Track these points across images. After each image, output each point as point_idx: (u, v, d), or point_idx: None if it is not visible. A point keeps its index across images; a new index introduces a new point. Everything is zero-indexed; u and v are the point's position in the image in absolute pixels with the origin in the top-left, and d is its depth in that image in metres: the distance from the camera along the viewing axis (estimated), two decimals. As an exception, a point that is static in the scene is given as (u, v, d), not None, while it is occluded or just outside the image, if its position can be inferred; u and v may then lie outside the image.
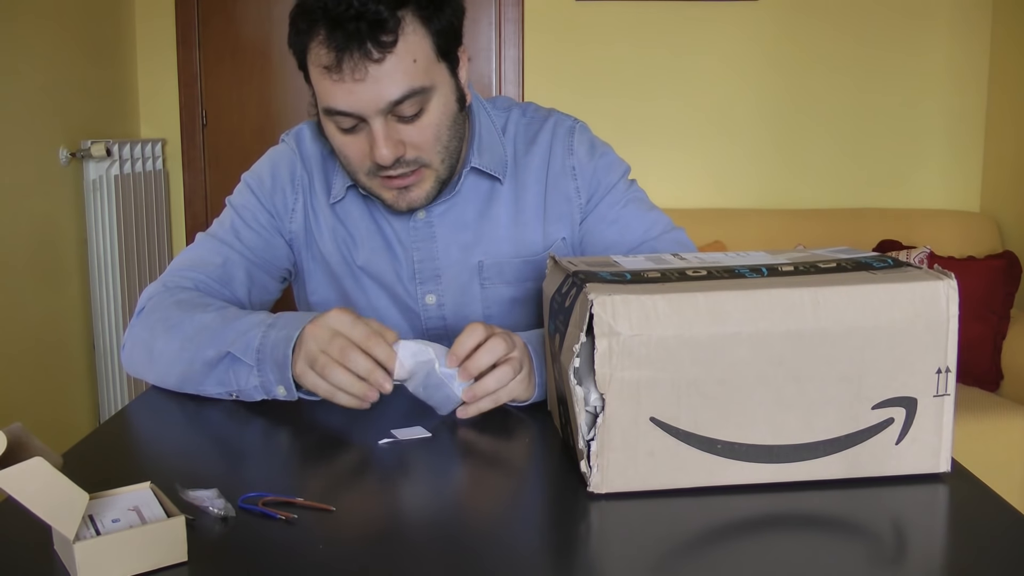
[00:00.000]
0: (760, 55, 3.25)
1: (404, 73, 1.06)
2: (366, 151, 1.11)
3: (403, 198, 1.16)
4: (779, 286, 0.83)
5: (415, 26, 1.07)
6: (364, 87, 1.05)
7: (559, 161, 1.28)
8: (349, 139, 1.12)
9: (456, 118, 1.16)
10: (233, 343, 1.06)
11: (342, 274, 1.28)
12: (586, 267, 0.90)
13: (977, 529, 0.79)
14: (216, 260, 1.24)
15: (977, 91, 3.26)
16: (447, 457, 0.98)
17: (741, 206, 3.29)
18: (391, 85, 1.06)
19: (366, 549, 0.74)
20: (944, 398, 0.85)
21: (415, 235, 1.26)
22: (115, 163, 2.84)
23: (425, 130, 1.11)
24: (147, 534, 0.69)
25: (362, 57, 1.04)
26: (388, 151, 1.09)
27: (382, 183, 1.15)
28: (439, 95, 1.11)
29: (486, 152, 1.25)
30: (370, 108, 1.07)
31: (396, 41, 1.04)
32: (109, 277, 2.86)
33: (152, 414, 1.10)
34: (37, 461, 0.64)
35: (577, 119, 1.32)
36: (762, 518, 0.80)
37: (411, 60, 1.06)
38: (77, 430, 2.77)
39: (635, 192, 1.31)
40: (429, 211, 1.25)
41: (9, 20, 2.46)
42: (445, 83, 1.13)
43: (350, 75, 1.04)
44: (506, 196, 1.27)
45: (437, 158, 1.14)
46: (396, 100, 1.07)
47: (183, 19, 3.28)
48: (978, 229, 3.05)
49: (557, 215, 1.28)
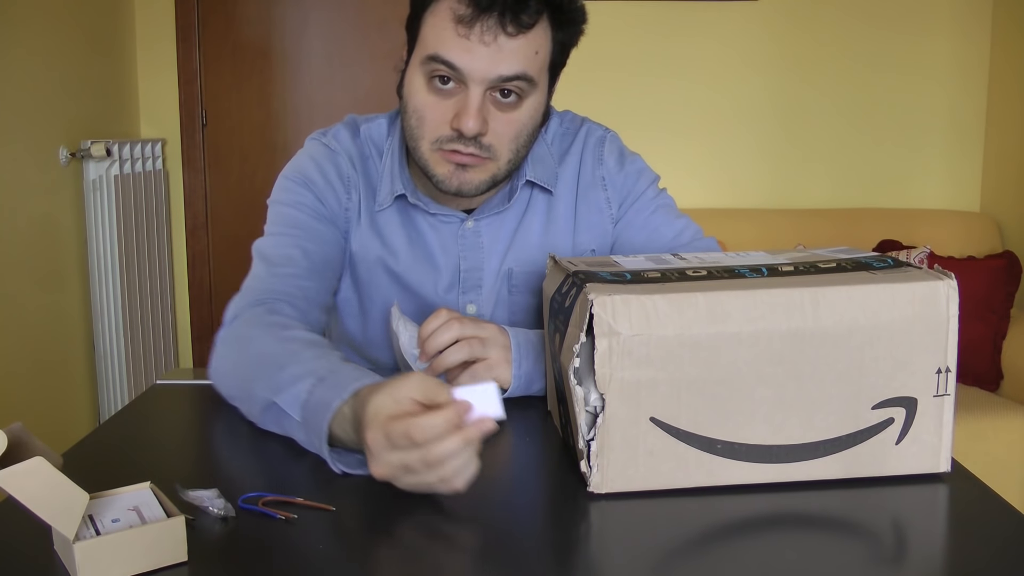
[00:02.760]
0: (760, 55, 3.25)
1: (524, 57, 1.07)
2: (447, 117, 1.10)
3: (457, 176, 1.13)
4: (779, 286, 0.83)
5: (546, 25, 1.10)
6: (485, 52, 1.05)
7: (589, 171, 1.28)
8: (434, 99, 1.10)
9: (537, 129, 1.17)
10: (280, 391, 0.94)
11: (371, 280, 1.26)
12: (586, 267, 0.90)
13: (977, 529, 0.79)
14: (296, 252, 1.17)
15: (977, 91, 3.26)
16: (447, 457, 0.98)
17: (741, 206, 3.29)
18: (510, 61, 1.06)
19: (366, 549, 0.74)
20: (944, 398, 0.85)
21: (463, 243, 1.24)
22: (115, 163, 2.84)
23: (512, 124, 1.12)
24: (147, 534, 0.69)
25: (497, 25, 1.05)
26: (475, 123, 1.08)
27: (444, 156, 1.12)
28: (536, 97, 1.13)
29: (538, 164, 1.25)
30: (479, 74, 1.06)
31: (533, 26, 1.07)
32: (109, 277, 2.85)
33: (152, 414, 1.10)
34: (37, 461, 0.64)
35: (608, 128, 1.32)
36: (762, 518, 0.80)
37: (534, 51, 1.08)
38: (77, 430, 2.77)
39: (664, 199, 1.30)
40: (477, 220, 1.24)
41: (8, 20, 2.46)
42: (543, 91, 1.15)
43: (478, 36, 1.05)
44: (541, 205, 1.27)
45: (506, 156, 1.14)
46: (507, 77, 1.07)
47: (183, 19, 3.28)
48: (978, 229, 3.05)
49: (587, 226, 1.27)
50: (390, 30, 3.30)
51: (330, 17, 3.33)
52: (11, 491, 0.64)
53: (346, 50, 3.34)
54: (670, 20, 3.24)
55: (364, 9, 3.31)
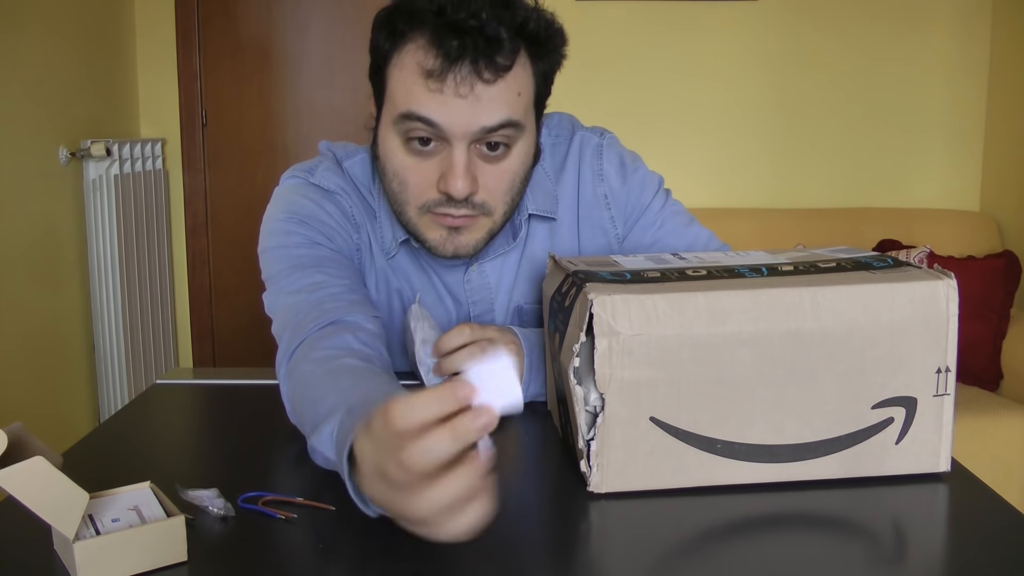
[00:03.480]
0: (760, 55, 3.25)
1: (507, 103, 0.97)
2: (432, 179, 1.00)
3: (451, 241, 1.04)
4: (779, 286, 0.83)
5: (525, 60, 0.99)
6: (463, 105, 0.95)
7: (590, 189, 1.18)
8: (415, 162, 1.00)
9: (528, 173, 1.06)
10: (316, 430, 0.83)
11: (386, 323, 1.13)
12: (586, 267, 0.90)
13: (977, 529, 0.79)
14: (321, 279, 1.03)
15: (977, 91, 3.26)
16: (447, 457, 0.97)
17: (741, 206, 3.29)
18: (492, 111, 0.96)
19: (366, 549, 0.74)
20: (944, 398, 0.85)
21: (470, 287, 1.16)
22: (115, 163, 2.84)
23: (503, 175, 1.02)
24: (147, 534, 0.69)
25: (472, 73, 0.94)
26: (463, 184, 0.97)
27: (433, 220, 1.03)
28: (524, 140, 1.02)
29: (539, 192, 1.15)
30: (460, 129, 0.96)
31: (511, 67, 0.96)
32: (109, 277, 2.85)
33: (152, 414, 1.10)
34: (37, 460, 0.64)
35: (603, 131, 1.22)
36: (762, 518, 0.80)
37: (516, 93, 0.98)
38: (77, 430, 2.77)
39: (671, 207, 1.23)
40: (481, 264, 1.15)
41: (9, 20, 2.46)
42: (531, 131, 1.04)
43: (452, 88, 0.94)
44: (541, 234, 1.18)
45: (501, 209, 1.04)
46: (491, 127, 0.97)
47: (183, 19, 3.28)
48: (978, 229, 3.06)
49: (593, 249, 1.19)
50: (390, 30, 3.30)
51: (330, 17, 3.33)
52: (11, 491, 0.64)
53: (346, 50, 3.34)
54: (670, 19, 3.24)
55: (364, 9, 3.31)
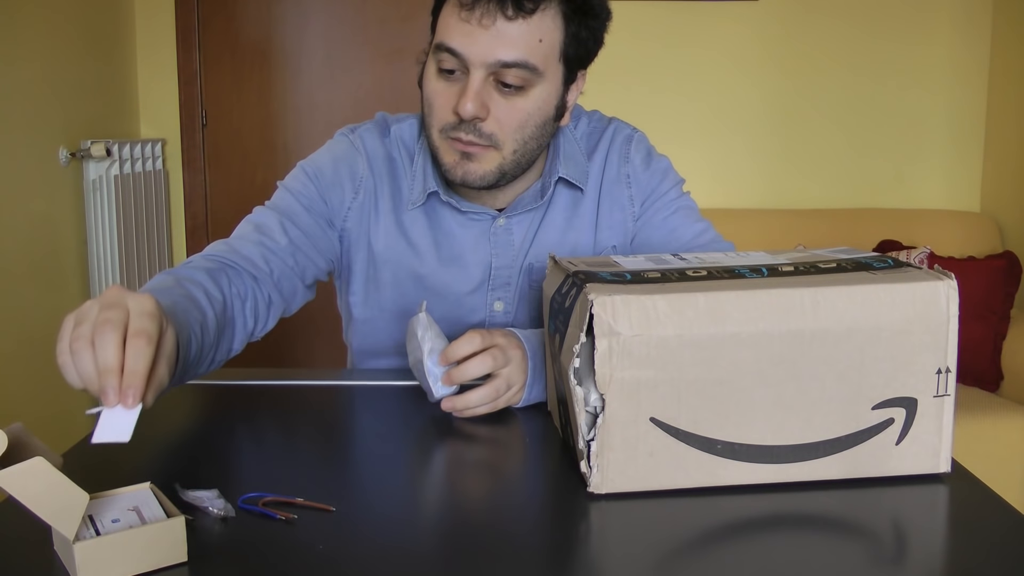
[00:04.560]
0: (760, 55, 3.25)
1: (526, 44, 1.07)
2: (452, 103, 1.10)
3: (462, 166, 1.14)
4: (779, 286, 0.83)
5: (556, 14, 1.09)
6: (484, 36, 1.06)
7: (615, 169, 1.28)
8: (442, 85, 1.12)
9: (548, 123, 1.16)
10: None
11: (395, 283, 1.26)
12: (586, 267, 0.90)
13: (977, 529, 0.79)
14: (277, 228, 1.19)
15: (977, 91, 3.26)
16: (447, 457, 0.98)
17: (741, 206, 3.29)
18: (509, 47, 1.06)
19: (366, 549, 0.74)
20: (944, 398, 0.85)
21: (495, 240, 1.25)
22: (115, 163, 2.84)
23: (516, 111, 1.11)
24: (147, 534, 0.69)
25: (497, 8, 1.05)
26: (472, 105, 1.08)
27: (451, 144, 1.13)
28: (544, 88, 1.12)
29: (570, 162, 1.25)
30: (478, 58, 1.07)
31: (534, 11, 1.06)
32: (109, 277, 2.85)
33: (152, 414, 1.10)
34: (38, 461, 0.64)
35: (636, 128, 1.32)
36: (762, 518, 0.80)
37: (537, 38, 1.08)
38: (77, 430, 2.77)
39: (686, 201, 1.31)
40: (509, 217, 1.24)
41: (9, 20, 2.46)
42: (554, 83, 1.13)
43: (478, 19, 1.05)
44: (564, 201, 1.27)
45: (511, 145, 1.13)
46: (506, 63, 1.07)
47: (183, 19, 3.28)
48: (978, 229, 3.05)
49: (609, 223, 1.28)
50: (390, 30, 3.30)
51: (330, 17, 3.33)
52: (11, 491, 0.64)
53: (346, 50, 3.34)
54: (670, 19, 3.24)
55: (364, 9, 3.31)
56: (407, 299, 1.27)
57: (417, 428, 1.02)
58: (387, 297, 1.27)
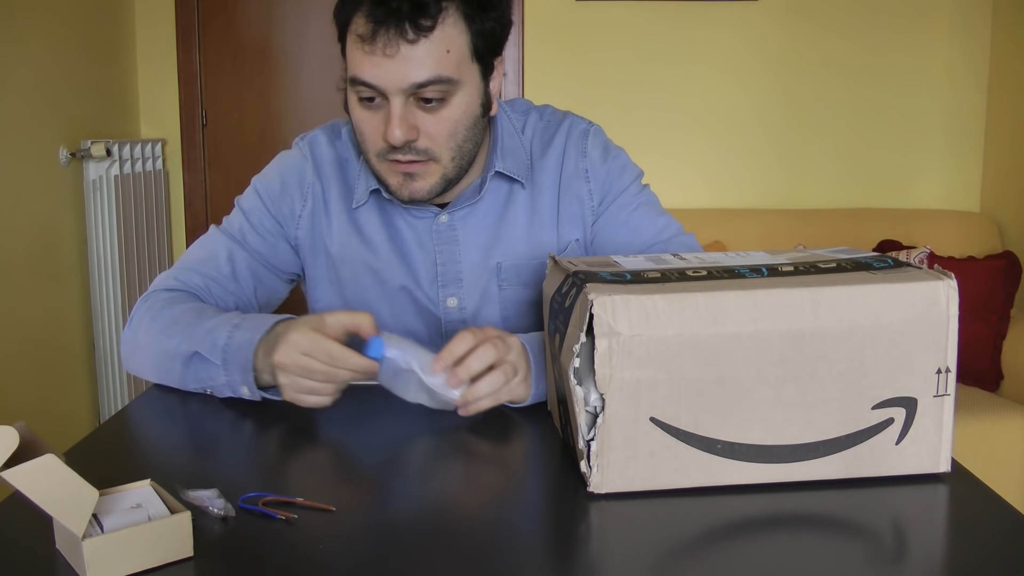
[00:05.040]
0: (760, 55, 3.25)
1: (435, 60, 1.08)
2: (381, 130, 1.12)
3: (406, 186, 1.16)
4: (779, 286, 0.83)
5: (456, 19, 1.10)
6: (392, 64, 1.07)
7: (572, 163, 1.28)
8: (367, 114, 1.13)
9: (477, 122, 1.17)
10: (201, 342, 1.09)
11: (354, 280, 1.28)
12: (586, 267, 0.90)
13: (977, 529, 0.79)
14: (223, 256, 1.26)
15: (977, 91, 3.26)
16: (447, 457, 0.98)
17: (741, 206, 3.29)
18: (419, 67, 1.07)
19: (366, 549, 0.74)
20: (944, 398, 0.85)
21: (438, 238, 1.26)
22: (115, 163, 2.84)
23: (442, 123, 1.12)
24: (154, 530, 0.69)
25: (397, 34, 1.06)
26: (400, 131, 1.09)
27: (390, 167, 1.15)
28: (464, 93, 1.13)
29: (509, 156, 1.26)
30: (393, 85, 1.08)
31: (434, 27, 1.07)
32: (109, 277, 2.86)
33: (152, 414, 1.10)
34: (49, 458, 0.64)
35: (592, 122, 1.33)
36: (762, 518, 0.80)
37: (444, 50, 1.08)
38: (77, 430, 2.77)
39: (647, 196, 1.31)
40: (451, 214, 1.25)
41: (9, 20, 2.46)
42: (474, 84, 1.14)
43: (381, 49, 1.06)
44: (523, 199, 1.28)
45: (448, 155, 1.15)
46: (420, 83, 1.08)
47: (183, 19, 3.28)
48: (978, 229, 3.05)
49: (570, 217, 1.28)
50: (390, 30, 3.30)
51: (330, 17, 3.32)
52: (22, 488, 0.64)
53: (346, 50, 3.33)
54: (670, 19, 3.24)
55: (364, 9, 3.31)
56: (367, 295, 1.28)
57: (417, 428, 1.02)
58: (349, 295, 1.29)
